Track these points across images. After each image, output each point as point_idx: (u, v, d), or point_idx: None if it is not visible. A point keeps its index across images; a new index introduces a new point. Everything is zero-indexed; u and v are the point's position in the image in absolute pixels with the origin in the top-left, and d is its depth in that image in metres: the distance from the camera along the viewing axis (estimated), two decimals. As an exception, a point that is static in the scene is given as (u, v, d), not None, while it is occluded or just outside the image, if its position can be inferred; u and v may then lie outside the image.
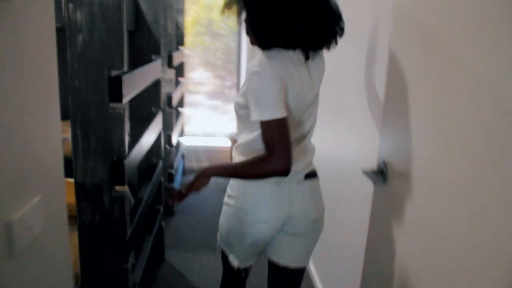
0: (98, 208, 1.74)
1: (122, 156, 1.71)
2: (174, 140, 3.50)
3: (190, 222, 3.45)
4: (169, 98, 3.30)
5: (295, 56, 1.40)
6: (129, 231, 1.79)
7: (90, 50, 1.59)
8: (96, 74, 1.61)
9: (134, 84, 1.80)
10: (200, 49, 5.25)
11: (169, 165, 3.45)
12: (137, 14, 2.47)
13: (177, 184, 3.85)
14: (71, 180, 1.70)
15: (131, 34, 2.53)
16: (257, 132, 1.43)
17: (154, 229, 2.57)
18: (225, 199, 1.61)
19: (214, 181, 1.51)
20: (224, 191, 1.61)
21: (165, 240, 3.03)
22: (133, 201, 2.20)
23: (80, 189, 1.72)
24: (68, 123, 1.63)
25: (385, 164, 1.45)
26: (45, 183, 1.04)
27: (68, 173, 1.58)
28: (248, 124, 1.45)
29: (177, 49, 4.04)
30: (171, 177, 3.46)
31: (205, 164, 4.68)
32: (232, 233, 1.59)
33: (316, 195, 1.59)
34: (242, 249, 1.60)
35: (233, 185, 1.56)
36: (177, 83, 3.97)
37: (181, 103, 4.29)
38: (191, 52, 5.09)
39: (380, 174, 1.47)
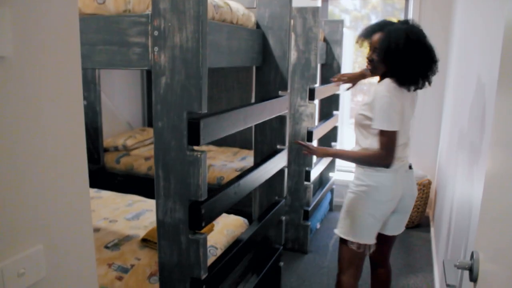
0: (176, 248, 1.74)
1: (199, 201, 1.67)
2: (313, 176, 3.36)
3: (320, 264, 3.25)
4: (309, 133, 3.19)
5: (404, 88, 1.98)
6: (203, 274, 1.74)
7: (171, 92, 1.61)
8: (176, 117, 1.62)
9: (220, 126, 1.75)
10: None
11: (306, 202, 3.32)
12: (265, 50, 2.45)
13: (315, 221, 3.69)
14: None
15: (258, 69, 2.52)
16: (373, 138, 1.98)
17: (265, 269, 2.47)
18: (354, 188, 2.07)
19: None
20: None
21: (289, 281, 2.91)
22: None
23: (161, 227, 1.74)
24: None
25: (477, 258, 1.07)
26: (51, 233, 1.05)
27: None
28: (366, 131, 2.02)
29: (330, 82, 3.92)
30: (306, 214, 3.32)
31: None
32: (364, 215, 2.03)
33: (414, 179, 2.18)
34: (372, 226, 2.06)
35: (362, 176, 2.04)
36: (328, 116, 3.84)
37: (334, 136, 4.13)
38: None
39: (469, 270, 1.09)
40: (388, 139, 1.90)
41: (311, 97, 3.14)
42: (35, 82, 0.94)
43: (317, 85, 3.19)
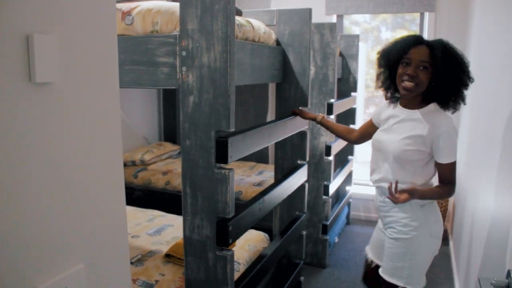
0: (203, 264, 1.75)
1: (226, 218, 1.69)
2: (331, 190, 3.36)
3: (340, 278, 3.23)
4: (328, 148, 3.20)
5: None
6: (231, 293, 1.75)
7: (199, 111, 1.63)
8: (204, 135, 1.64)
9: (246, 144, 1.77)
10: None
11: (324, 216, 3.32)
12: (285, 67, 2.48)
13: (333, 235, 3.68)
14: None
15: (278, 85, 2.55)
16: (420, 172, 1.84)
17: (286, 284, 2.47)
18: (405, 229, 1.85)
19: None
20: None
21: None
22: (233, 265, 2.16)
23: (188, 243, 1.76)
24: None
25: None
26: (90, 252, 1.06)
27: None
28: (417, 166, 1.82)
29: (349, 95, 3.94)
30: (325, 229, 3.32)
31: (374, 214, 4.40)
32: (428, 256, 1.88)
33: None
34: (427, 266, 1.91)
35: (412, 213, 1.84)
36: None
37: (351, 150, 4.13)
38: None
39: None
40: (454, 170, 1.81)
41: (329, 111, 3.15)
42: (78, 105, 0.98)
43: (334, 99, 3.21)
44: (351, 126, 4.06)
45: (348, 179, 4.16)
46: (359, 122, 4.68)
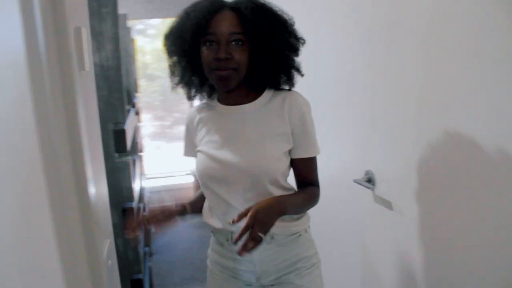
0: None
1: (131, 201, 1.85)
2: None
3: (170, 260, 3.54)
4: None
5: None
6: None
7: (95, 108, 1.74)
8: (102, 129, 1.76)
9: (129, 135, 1.96)
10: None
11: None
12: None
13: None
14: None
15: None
16: (286, 183, 1.26)
17: (146, 270, 2.66)
18: (312, 263, 1.31)
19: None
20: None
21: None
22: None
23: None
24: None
25: (371, 172, 1.70)
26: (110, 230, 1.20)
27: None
28: (279, 177, 1.21)
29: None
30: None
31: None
32: None
33: None
34: None
35: (310, 245, 1.33)
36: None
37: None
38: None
39: (369, 181, 1.72)
40: (316, 165, 1.29)
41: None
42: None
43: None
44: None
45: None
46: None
